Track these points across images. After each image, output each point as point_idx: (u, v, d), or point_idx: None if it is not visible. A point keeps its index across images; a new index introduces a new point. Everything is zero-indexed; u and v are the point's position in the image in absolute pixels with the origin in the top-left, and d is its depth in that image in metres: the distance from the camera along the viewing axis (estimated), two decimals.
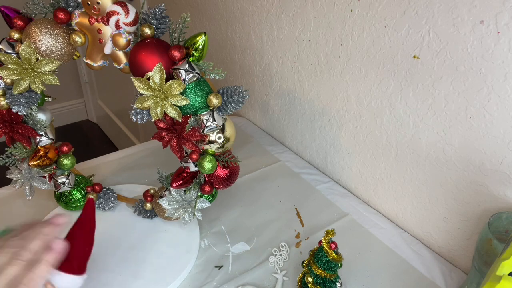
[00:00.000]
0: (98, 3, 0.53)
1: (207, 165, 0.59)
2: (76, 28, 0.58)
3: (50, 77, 0.59)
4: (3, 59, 0.56)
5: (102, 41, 0.58)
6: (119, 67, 0.60)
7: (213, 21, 1.16)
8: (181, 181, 0.63)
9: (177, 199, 0.65)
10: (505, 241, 0.48)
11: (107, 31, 0.57)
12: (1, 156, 0.67)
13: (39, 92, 0.60)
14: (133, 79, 0.54)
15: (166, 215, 0.67)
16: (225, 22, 1.11)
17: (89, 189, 0.75)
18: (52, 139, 0.66)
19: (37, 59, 0.58)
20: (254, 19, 0.98)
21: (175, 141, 0.59)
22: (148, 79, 0.54)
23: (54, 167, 0.68)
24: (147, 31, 0.54)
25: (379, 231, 0.76)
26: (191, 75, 0.54)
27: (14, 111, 0.60)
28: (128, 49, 0.57)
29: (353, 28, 0.73)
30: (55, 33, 0.58)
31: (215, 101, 0.56)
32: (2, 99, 0.60)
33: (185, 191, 0.65)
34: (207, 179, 0.63)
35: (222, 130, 0.59)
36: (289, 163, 0.96)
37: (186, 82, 0.54)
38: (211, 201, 0.69)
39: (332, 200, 0.83)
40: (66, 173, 0.70)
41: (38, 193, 0.77)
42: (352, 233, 0.75)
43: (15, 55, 0.58)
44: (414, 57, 0.65)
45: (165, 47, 0.55)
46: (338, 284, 0.58)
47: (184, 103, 0.55)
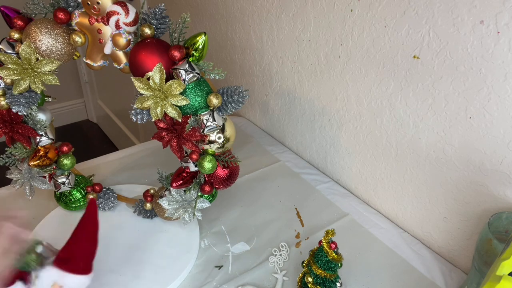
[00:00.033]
0: (98, 3, 0.53)
1: (207, 165, 0.59)
2: (76, 28, 0.58)
3: (50, 77, 0.59)
4: (3, 59, 0.56)
5: (102, 41, 0.58)
6: (119, 67, 0.60)
7: (213, 21, 1.16)
8: (181, 181, 0.63)
9: (177, 199, 0.65)
10: (505, 241, 0.48)
11: (107, 31, 0.56)
12: (1, 156, 0.67)
13: (39, 92, 0.60)
14: (133, 79, 0.54)
15: (166, 215, 0.67)
16: (225, 22, 1.11)
17: (89, 189, 0.75)
18: (52, 139, 0.66)
19: (37, 59, 0.58)
20: (254, 19, 0.98)
21: (175, 141, 0.59)
22: (148, 79, 0.54)
23: (54, 167, 0.68)
24: (147, 31, 0.54)
25: (379, 231, 0.76)
26: (191, 75, 0.54)
27: (14, 111, 0.60)
28: (128, 49, 0.57)
29: (353, 28, 0.73)
30: (55, 33, 0.58)
31: (215, 101, 0.56)
32: (2, 99, 0.60)
33: (185, 191, 0.65)
34: (207, 179, 0.63)
35: (222, 130, 0.59)
36: (289, 163, 0.96)
37: (186, 82, 0.54)
38: (211, 201, 0.69)
39: (332, 200, 0.83)
40: (66, 173, 0.70)
41: (38, 193, 0.77)
42: (352, 233, 0.75)
43: (15, 55, 0.58)
44: (414, 57, 0.65)
45: (165, 47, 0.55)
46: (338, 284, 0.58)
47: (184, 103, 0.55)
